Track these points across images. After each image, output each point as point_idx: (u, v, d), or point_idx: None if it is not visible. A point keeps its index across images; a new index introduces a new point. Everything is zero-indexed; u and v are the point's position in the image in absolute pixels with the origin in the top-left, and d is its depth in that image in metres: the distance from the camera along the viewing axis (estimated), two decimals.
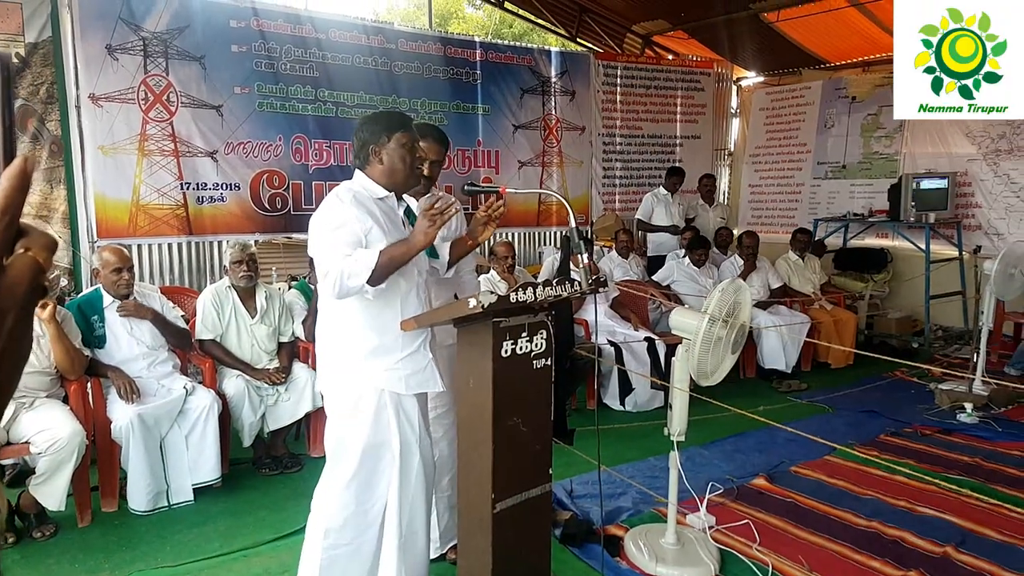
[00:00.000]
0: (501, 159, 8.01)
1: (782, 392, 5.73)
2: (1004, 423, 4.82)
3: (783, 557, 3.08)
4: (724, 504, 3.60)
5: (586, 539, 3.20)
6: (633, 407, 5.20)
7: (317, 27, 6.72)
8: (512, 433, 2.24)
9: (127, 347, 3.72)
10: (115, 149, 5.80)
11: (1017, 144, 7.16)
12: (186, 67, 6.07)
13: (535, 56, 8.23)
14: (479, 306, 2.05)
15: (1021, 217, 7.16)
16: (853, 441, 4.46)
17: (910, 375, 6.03)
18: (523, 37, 16.07)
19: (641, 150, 9.17)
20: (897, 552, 3.12)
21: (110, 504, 3.57)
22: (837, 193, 8.72)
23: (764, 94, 9.64)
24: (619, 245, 6.41)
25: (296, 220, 6.71)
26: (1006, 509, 3.44)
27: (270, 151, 6.54)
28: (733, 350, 3.06)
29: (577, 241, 2.41)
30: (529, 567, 2.39)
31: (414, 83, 7.30)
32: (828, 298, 6.74)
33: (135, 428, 3.43)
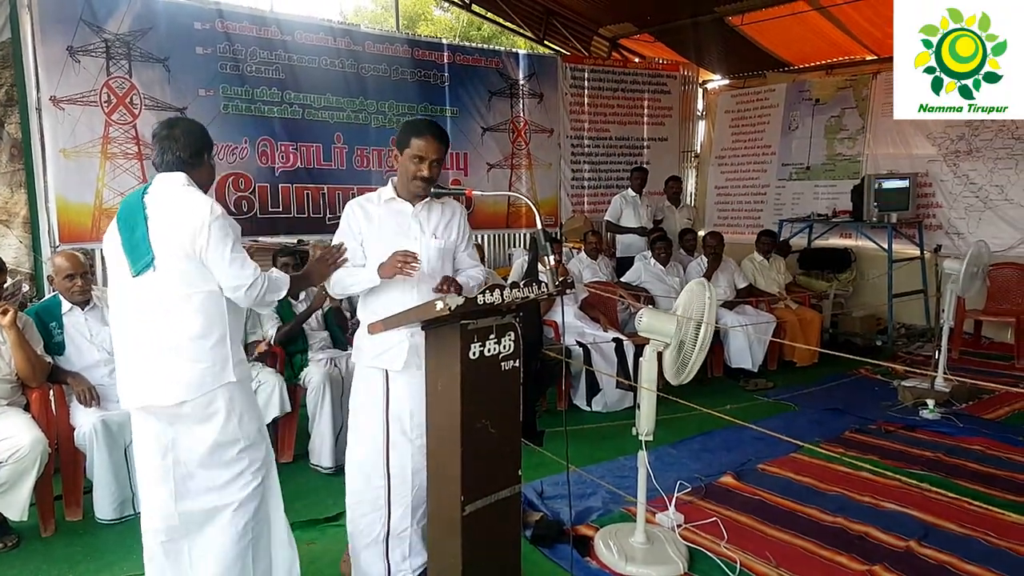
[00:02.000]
0: (470, 161, 8.02)
1: (749, 391, 5.80)
2: (965, 419, 4.92)
3: (751, 554, 3.12)
4: (692, 502, 3.64)
5: (556, 540, 3.21)
6: (603, 408, 5.23)
7: (283, 29, 6.67)
8: (481, 435, 2.24)
9: (87, 353, 3.66)
10: (77, 152, 5.70)
11: (976, 145, 7.34)
12: (150, 69, 5.99)
13: (503, 58, 8.25)
14: (446, 308, 2.05)
15: (980, 217, 7.33)
16: (819, 438, 4.53)
17: (874, 373, 6.14)
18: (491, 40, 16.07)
19: (609, 152, 9.24)
20: (862, 547, 3.18)
21: (74, 513, 3.50)
22: (801, 194, 8.86)
23: (729, 96, 9.76)
24: (588, 246, 6.45)
25: (263, 223, 6.66)
26: (966, 502, 3.53)
27: (235, 154, 6.48)
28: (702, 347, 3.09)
29: (544, 243, 2.42)
30: (499, 569, 2.40)
31: (382, 85, 7.28)
32: (793, 298, 6.83)
33: (99, 435, 3.36)
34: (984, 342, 7.09)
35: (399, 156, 2.66)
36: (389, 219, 2.69)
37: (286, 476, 4.00)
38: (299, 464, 4.22)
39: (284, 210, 6.79)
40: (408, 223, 2.70)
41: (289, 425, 4.24)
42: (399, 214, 2.70)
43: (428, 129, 2.63)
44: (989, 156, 7.25)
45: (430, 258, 2.69)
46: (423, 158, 2.61)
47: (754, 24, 8.06)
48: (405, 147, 2.62)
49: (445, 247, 2.75)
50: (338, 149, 7.07)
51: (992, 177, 7.24)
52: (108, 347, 3.69)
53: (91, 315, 3.71)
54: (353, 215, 2.71)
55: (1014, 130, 7.05)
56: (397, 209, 2.71)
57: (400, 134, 2.67)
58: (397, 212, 2.71)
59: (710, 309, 3.01)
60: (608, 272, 6.53)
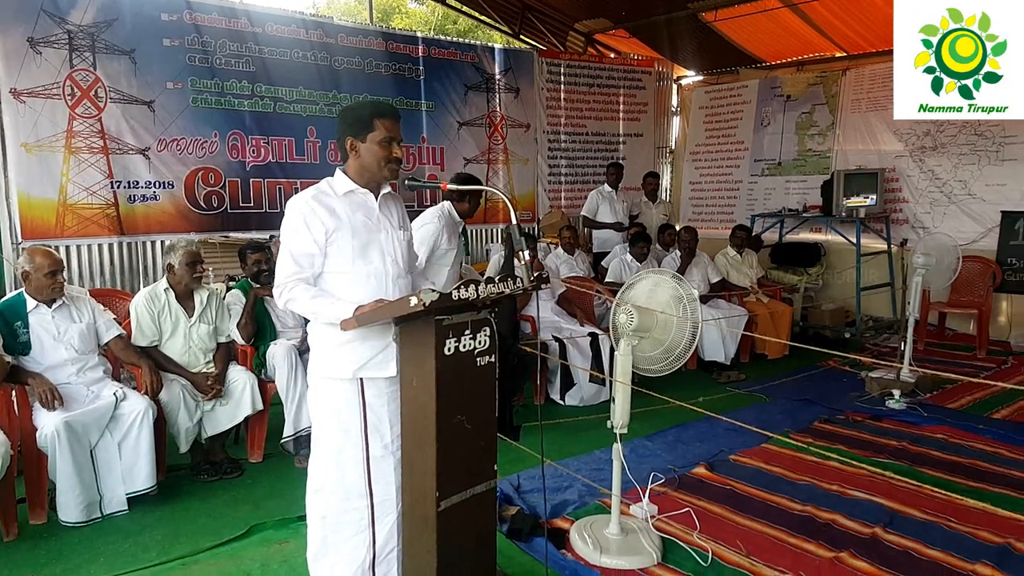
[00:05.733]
0: (446, 156, 7.99)
1: (721, 383, 5.86)
2: (930, 408, 5.03)
3: (722, 543, 3.17)
4: (666, 493, 3.67)
5: (532, 533, 3.22)
6: (578, 402, 5.25)
7: (253, 21, 6.58)
8: (456, 430, 2.23)
9: (54, 352, 3.57)
10: (40, 146, 5.59)
11: (941, 141, 7.47)
12: (115, 61, 5.88)
13: (479, 53, 8.23)
14: (421, 304, 2.03)
15: (944, 211, 7.48)
16: (789, 429, 4.61)
17: (842, 364, 6.24)
18: (467, 34, 16.02)
19: (585, 147, 9.27)
20: (829, 534, 3.25)
21: (39, 516, 3.42)
22: (773, 189, 8.95)
23: (703, 92, 9.82)
24: (564, 242, 6.46)
25: (233, 218, 6.58)
26: (929, 489, 3.62)
27: (205, 148, 6.39)
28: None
29: (519, 238, 2.40)
30: (475, 563, 2.39)
31: (356, 78, 7.22)
32: (765, 291, 6.92)
33: (61, 436, 3.28)
34: (948, 333, 7.24)
35: (356, 143, 2.42)
36: (355, 213, 2.44)
37: (258, 475, 4.02)
38: (270, 463, 4.18)
39: (255, 205, 6.71)
40: (376, 216, 2.49)
41: (260, 423, 4.18)
42: (364, 207, 2.48)
43: (390, 108, 2.46)
44: (953, 152, 7.39)
45: (402, 252, 2.56)
46: (393, 138, 2.41)
47: (727, 21, 8.11)
48: (368, 131, 2.40)
49: (409, 239, 2.64)
50: (311, 143, 7.00)
51: (956, 172, 7.38)
52: (76, 346, 3.63)
53: (59, 313, 3.61)
54: (313, 213, 2.38)
55: (977, 127, 7.19)
56: (360, 201, 2.47)
57: (353, 119, 2.44)
58: (362, 205, 2.47)
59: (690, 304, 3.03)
60: (585, 267, 6.55)
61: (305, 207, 2.40)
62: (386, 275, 2.48)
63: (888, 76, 7.83)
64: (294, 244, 2.39)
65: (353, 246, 2.42)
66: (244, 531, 3.32)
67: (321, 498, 2.51)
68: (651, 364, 3.15)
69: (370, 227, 2.47)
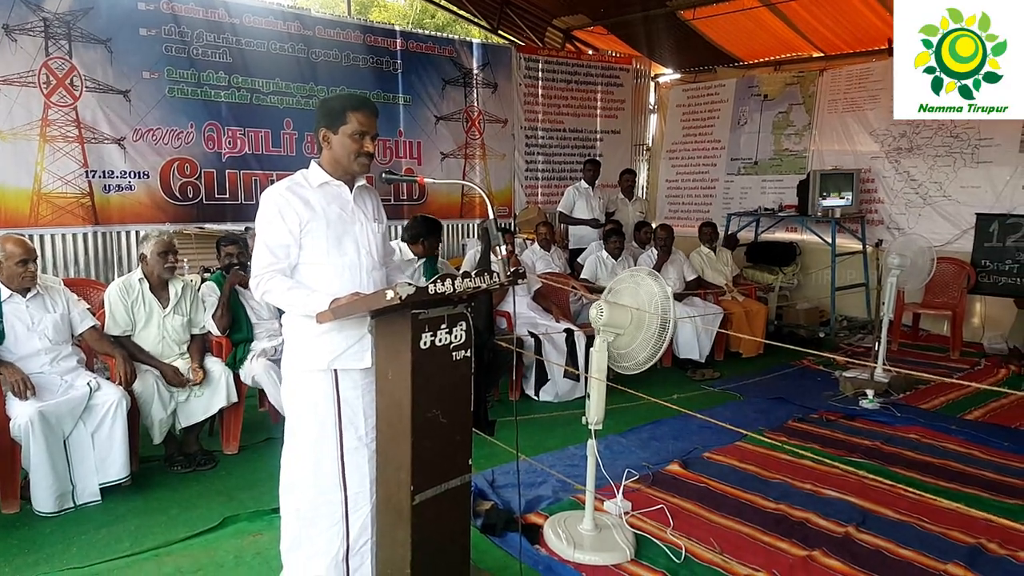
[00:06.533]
0: (423, 150, 7.97)
1: (696, 381, 5.91)
2: (902, 408, 5.09)
3: (696, 540, 3.19)
4: (640, 490, 3.70)
5: (506, 528, 3.23)
6: (553, 397, 5.27)
7: (231, 11, 6.52)
8: (431, 425, 2.24)
9: (28, 342, 3.54)
10: (14, 134, 5.51)
11: (916, 143, 7.57)
12: (91, 50, 5.81)
13: (456, 47, 8.21)
14: (397, 298, 2.03)
15: (920, 212, 7.57)
16: (763, 427, 4.65)
17: (816, 363, 6.30)
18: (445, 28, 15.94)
19: (563, 144, 9.29)
20: (803, 532, 3.27)
21: (11, 506, 3.40)
22: (749, 188, 9.03)
23: (681, 91, 9.88)
24: (540, 238, 6.47)
25: (209, 210, 6.53)
26: (902, 489, 3.65)
27: (181, 138, 6.33)
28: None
29: (496, 233, 2.41)
30: (449, 558, 2.40)
31: (333, 71, 7.18)
32: (740, 290, 6.98)
33: (35, 426, 3.26)
34: (922, 334, 7.33)
35: (329, 135, 2.43)
36: (329, 204, 2.44)
37: (232, 467, 4.00)
38: (244, 455, 4.17)
39: (231, 197, 6.66)
40: (351, 208, 2.49)
41: (235, 415, 4.17)
42: (339, 199, 2.48)
43: (364, 101, 2.45)
44: (929, 153, 7.48)
45: (376, 244, 2.56)
46: (365, 132, 2.41)
47: (705, 19, 8.17)
48: (341, 124, 2.40)
49: (384, 232, 2.64)
50: (287, 135, 6.95)
51: (932, 174, 7.47)
52: (50, 335, 3.60)
53: (33, 303, 3.58)
54: (288, 204, 2.38)
55: (952, 128, 7.29)
56: (335, 193, 2.47)
57: (328, 111, 2.44)
58: (336, 196, 2.47)
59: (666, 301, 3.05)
60: (561, 263, 6.57)
61: (280, 198, 2.39)
62: (360, 267, 2.48)
63: (864, 77, 7.95)
64: (269, 235, 2.39)
65: (327, 237, 2.42)
66: (218, 523, 3.30)
67: (295, 490, 2.50)
68: (625, 361, 3.17)
69: (344, 219, 2.47)
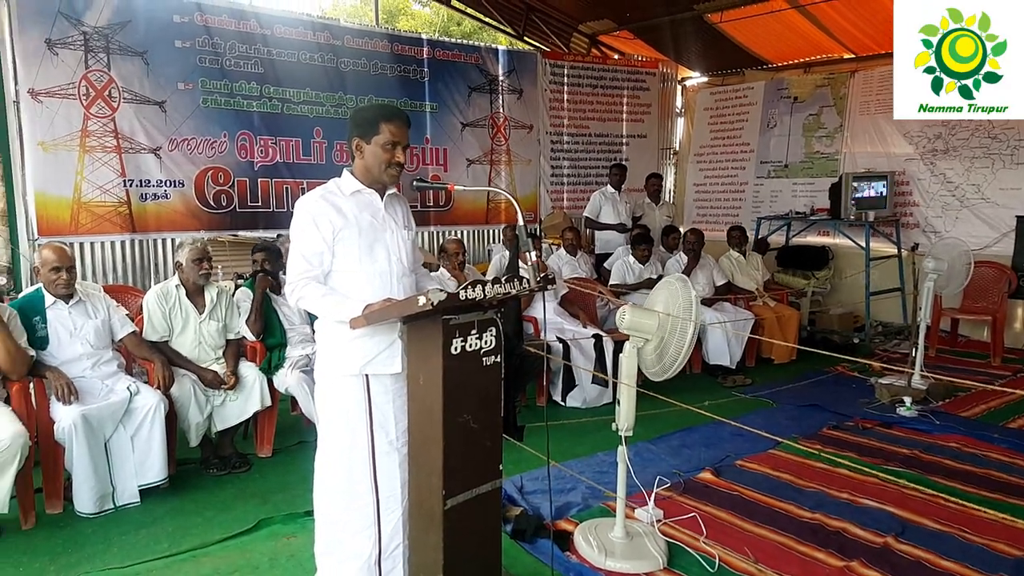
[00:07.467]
0: (449, 157, 8.03)
1: (727, 387, 5.84)
2: (941, 416, 4.96)
3: (729, 549, 3.14)
4: (671, 498, 3.66)
5: (536, 534, 3.22)
6: (580, 403, 5.25)
7: (262, 23, 6.64)
8: (463, 430, 2.25)
9: (70, 347, 3.63)
10: (56, 145, 5.66)
11: (953, 144, 7.42)
12: (128, 62, 5.95)
13: (483, 54, 8.26)
14: (429, 304, 2.05)
15: (957, 215, 7.42)
16: (796, 435, 4.57)
17: (851, 370, 6.18)
18: (471, 35, 16.04)
19: (588, 149, 9.28)
20: (839, 542, 3.19)
21: (55, 506, 3.49)
22: (780, 192, 8.94)
23: (708, 94, 9.82)
24: (566, 243, 6.47)
25: (242, 217, 6.63)
26: (943, 499, 3.57)
27: (215, 148, 6.45)
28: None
29: (526, 239, 2.42)
30: (480, 562, 2.41)
31: (361, 80, 7.26)
32: (771, 295, 6.89)
33: (78, 429, 3.35)
34: (961, 340, 7.17)
35: (362, 144, 2.46)
36: (361, 212, 2.48)
37: (265, 470, 4.05)
38: (277, 458, 4.22)
39: (263, 205, 6.76)
40: (382, 216, 2.53)
41: (269, 419, 4.23)
42: (371, 206, 2.51)
43: (397, 112, 2.49)
44: (966, 155, 7.34)
45: (406, 251, 2.59)
46: (397, 143, 2.44)
47: (733, 22, 8.11)
48: (373, 134, 2.43)
49: (413, 238, 2.68)
50: (317, 144, 7.04)
51: (969, 176, 7.32)
52: (92, 341, 3.69)
53: (75, 309, 3.68)
54: (321, 212, 2.42)
55: (990, 129, 7.14)
56: (367, 201, 2.51)
57: (361, 121, 2.47)
58: (368, 204, 2.51)
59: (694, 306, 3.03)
60: (587, 268, 6.56)
61: (314, 206, 2.44)
62: (391, 274, 2.52)
63: None
64: (303, 243, 2.43)
65: (359, 244, 2.46)
66: (252, 525, 3.35)
67: (328, 494, 2.54)
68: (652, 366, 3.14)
69: (376, 226, 2.51)
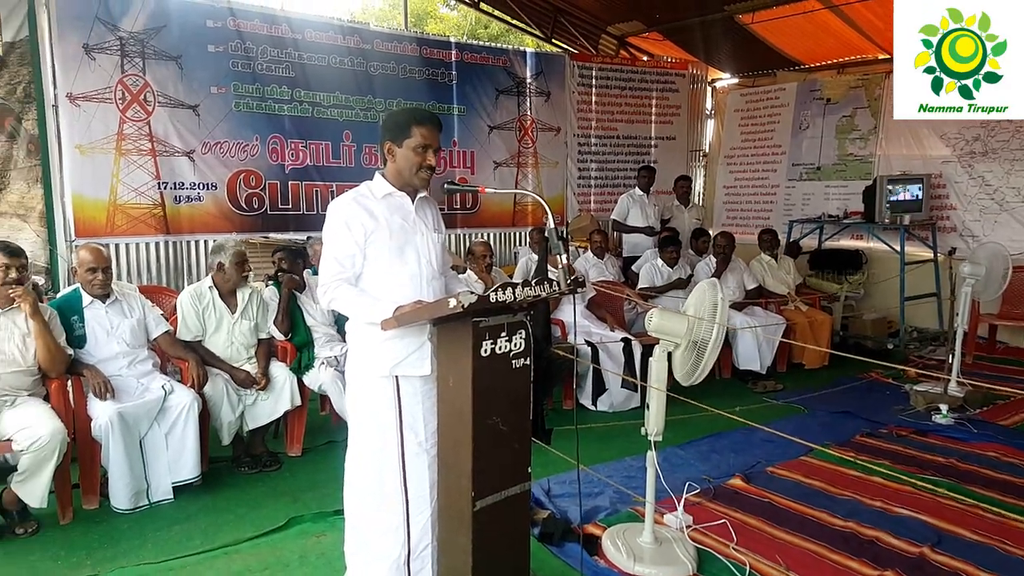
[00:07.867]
0: (476, 160, 8.04)
1: (758, 393, 5.77)
2: (979, 424, 4.84)
3: (760, 556, 3.10)
4: (701, 504, 3.62)
5: (564, 538, 3.21)
6: (609, 408, 5.23)
7: (293, 27, 6.71)
8: (492, 432, 2.25)
9: (107, 346, 3.70)
10: (92, 148, 5.77)
11: (991, 146, 7.25)
12: (163, 67, 6.05)
13: (510, 57, 8.26)
14: (459, 306, 2.05)
15: (996, 219, 7.25)
16: (829, 441, 4.49)
17: (885, 376, 6.07)
18: (499, 38, 16.06)
19: (616, 151, 9.24)
20: (873, 552, 3.14)
21: (91, 502, 3.56)
22: (812, 194, 8.82)
23: (739, 95, 9.73)
24: (594, 246, 6.44)
25: (273, 220, 6.71)
26: (981, 509, 3.48)
27: (247, 151, 6.53)
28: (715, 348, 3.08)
29: (556, 242, 2.41)
30: (509, 565, 2.40)
31: (390, 83, 7.31)
32: (803, 299, 6.79)
33: (115, 426, 3.41)
34: (999, 347, 7.01)
35: (394, 148, 2.48)
36: (392, 215, 2.50)
37: (296, 469, 4.09)
38: (307, 457, 4.26)
39: (294, 207, 6.83)
40: (413, 219, 2.54)
41: (299, 419, 4.27)
42: (401, 209, 2.53)
43: (429, 116, 2.51)
44: (1006, 157, 7.17)
45: (436, 254, 2.60)
46: (428, 146, 2.46)
47: (764, 23, 8.03)
48: (405, 137, 2.45)
49: (443, 241, 2.69)
50: (347, 147, 7.10)
51: (1008, 179, 7.15)
52: (128, 340, 3.76)
53: (112, 309, 3.76)
54: (354, 215, 2.45)
55: None
56: (398, 204, 2.53)
57: (392, 125, 2.50)
58: (399, 207, 2.53)
59: (722, 310, 2.99)
60: (614, 271, 6.53)
61: (346, 209, 2.47)
62: (421, 276, 2.53)
63: None
64: (336, 246, 2.46)
65: (390, 247, 2.48)
66: (283, 523, 3.39)
67: (358, 494, 2.56)
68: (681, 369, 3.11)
69: (406, 229, 2.52)
